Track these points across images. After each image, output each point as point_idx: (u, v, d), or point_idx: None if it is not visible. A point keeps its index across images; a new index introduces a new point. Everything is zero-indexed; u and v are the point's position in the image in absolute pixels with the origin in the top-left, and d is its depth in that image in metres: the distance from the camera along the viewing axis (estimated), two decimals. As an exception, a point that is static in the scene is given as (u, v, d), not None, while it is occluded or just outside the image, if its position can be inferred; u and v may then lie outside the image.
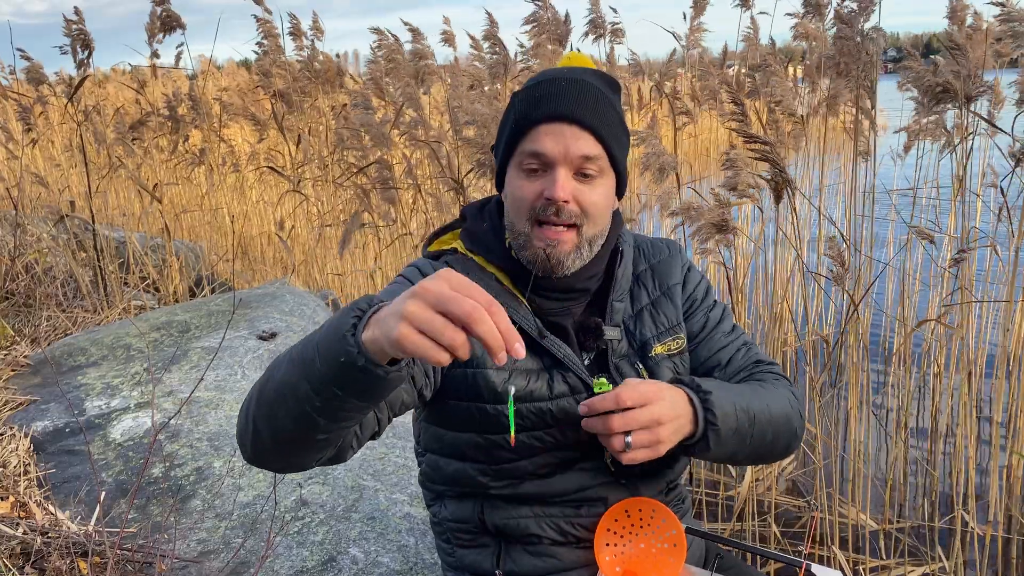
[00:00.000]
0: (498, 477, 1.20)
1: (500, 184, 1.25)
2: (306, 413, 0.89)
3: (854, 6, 2.77)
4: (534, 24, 3.51)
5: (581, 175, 1.15)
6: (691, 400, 1.10)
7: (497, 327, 0.76)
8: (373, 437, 1.09)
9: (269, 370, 0.97)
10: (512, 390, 0.99)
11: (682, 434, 1.08)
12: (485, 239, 1.24)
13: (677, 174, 2.96)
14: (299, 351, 0.92)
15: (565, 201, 1.13)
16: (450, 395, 1.17)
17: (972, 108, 2.69)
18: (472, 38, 4.01)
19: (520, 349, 0.78)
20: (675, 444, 1.07)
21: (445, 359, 0.76)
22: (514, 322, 1.18)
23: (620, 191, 1.23)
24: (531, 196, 1.15)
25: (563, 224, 1.14)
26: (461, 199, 3.67)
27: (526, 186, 1.15)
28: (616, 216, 1.27)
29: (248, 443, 0.99)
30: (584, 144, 1.13)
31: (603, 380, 1.04)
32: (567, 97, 1.13)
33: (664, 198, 3.00)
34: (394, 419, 1.11)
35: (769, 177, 2.42)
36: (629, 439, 1.00)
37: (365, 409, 0.91)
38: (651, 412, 1.02)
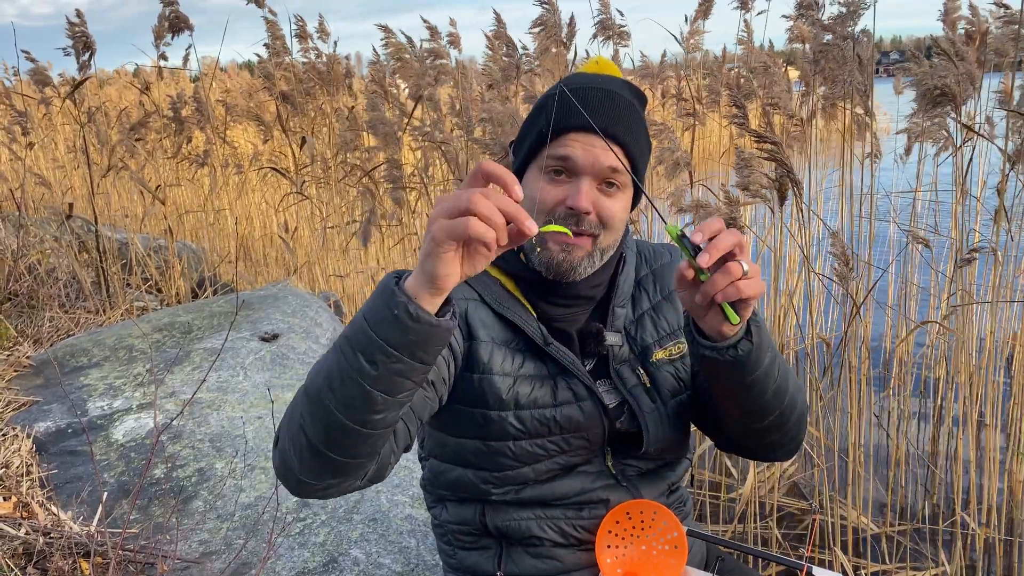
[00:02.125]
0: (500, 484, 1.20)
1: None
2: (363, 390, 0.89)
3: (843, 9, 2.75)
4: (541, 27, 3.50)
5: (605, 184, 1.15)
6: None
7: (498, 207, 0.81)
8: (406, 449, 1.09)
9: (310, 374, 0.97)
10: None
11: None
12: None
13: (691, 171, 2.96)
14: (342, 338, 0.92)
15: (587, 212, 1.13)
16: (455, 400, 1.17)
17: (960, 113, 2.69)
18: (488, 38, 4.01)
19: (519, 191, 0.83)
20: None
21: (491, 236, 0.81)
22: (519, 328, 1.18)
23: (635, 201, 1.24)
24: (552, 201, 1.14)
25: (583, 234, 1.14)
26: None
27: (548, 189, 1.15)
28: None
29: (295, 457, 0.97)
30: (613, 157, 1.13)
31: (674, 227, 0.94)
32: (602, 109, 1.14)
33: (677, 195, 2.99)
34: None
35: (774, 177, 2.42)
36: (746, 267, 0.92)
37: (420, 372, 0.90)
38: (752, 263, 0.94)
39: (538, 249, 1.16)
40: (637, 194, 1.23)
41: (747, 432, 1.17)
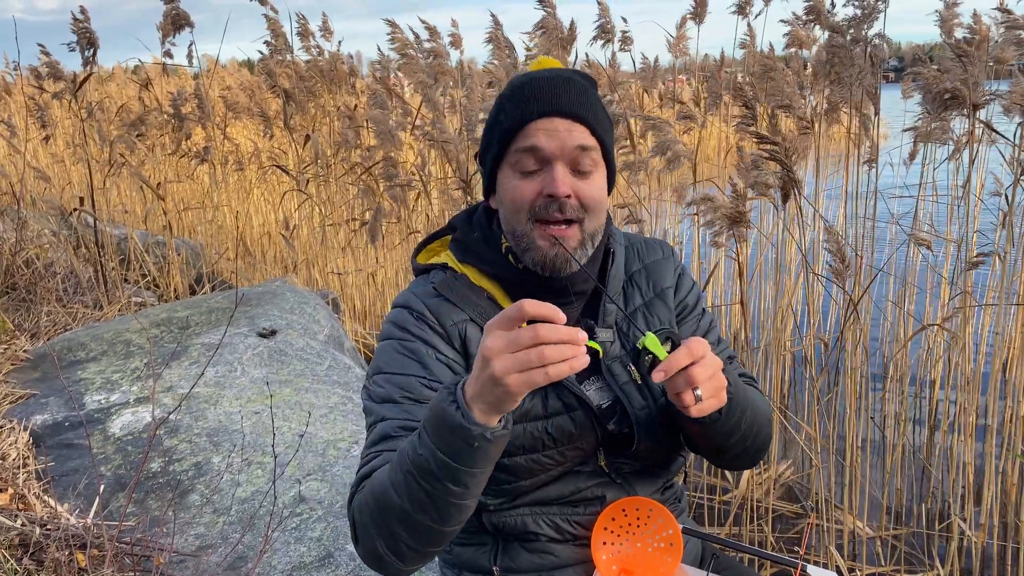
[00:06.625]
0: (496, 496, 1.20)
1: (489, 192, 1.24)
2: (459, 505, 0.97)
3: (857, 12, 2.77)
4: (542, 30, 3.54)
5: (577, 170, 1.14)
6: None
7: (559, 338, 0.86)
8: None
9: (385, 499, 1.00)
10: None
11: None
12: (477, 248, 1.23)
13: (694, 164, 2.97)
14: (426, 475, 0.95)
15: (567, 196, 1.12)
16: None
17: (977, 116, 2.69)
18: (494, 37, 4.03)
19: (563, 318, 0.88)
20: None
21: (565, 371, 0.86)
22: None
23: (610, 185, 1.23)
24: (530, 195, 1.13)
25: (565, 220, 1.13)
26: (468, 199, 3.71)
27: (523, 186, 1.14)
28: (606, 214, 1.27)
29: (399, 560, 1.03)
30: (579, 136, 1.12)
31: (652, 335, 1.03)
32: (556, 93, 1.13)
33: (680, 190, 3.01)
34: None
35: (778, 177, 2.43)
36: (698, 392, 0.99)
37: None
38: (714, 360, 1.01)
39: (529, 250, 1.15)
40: (611, 178, 1.22)
41: (710, 453, 1.27)
